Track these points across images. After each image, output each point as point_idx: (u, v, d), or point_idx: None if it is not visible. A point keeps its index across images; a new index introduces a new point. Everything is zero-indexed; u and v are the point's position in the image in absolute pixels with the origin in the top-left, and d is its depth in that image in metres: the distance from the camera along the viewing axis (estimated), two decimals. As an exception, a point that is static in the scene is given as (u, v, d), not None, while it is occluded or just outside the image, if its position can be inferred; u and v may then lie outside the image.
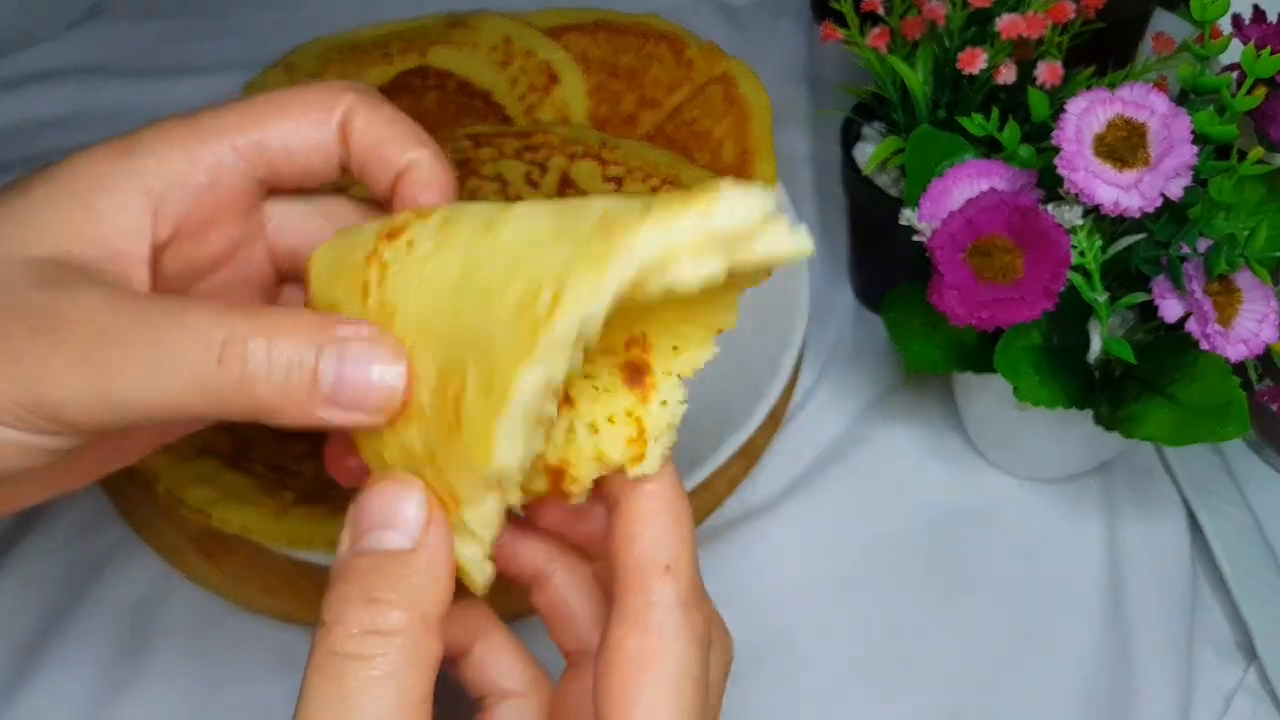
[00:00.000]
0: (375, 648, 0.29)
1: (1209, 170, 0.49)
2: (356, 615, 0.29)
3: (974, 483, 0.65)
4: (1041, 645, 0.58)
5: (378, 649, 0.29)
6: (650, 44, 0.80)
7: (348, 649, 0.29)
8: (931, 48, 0.61)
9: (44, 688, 0.56)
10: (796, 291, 0.67)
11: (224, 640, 0.59)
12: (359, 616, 0.29)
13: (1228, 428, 0.49)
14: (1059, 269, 0.49)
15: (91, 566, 0.61)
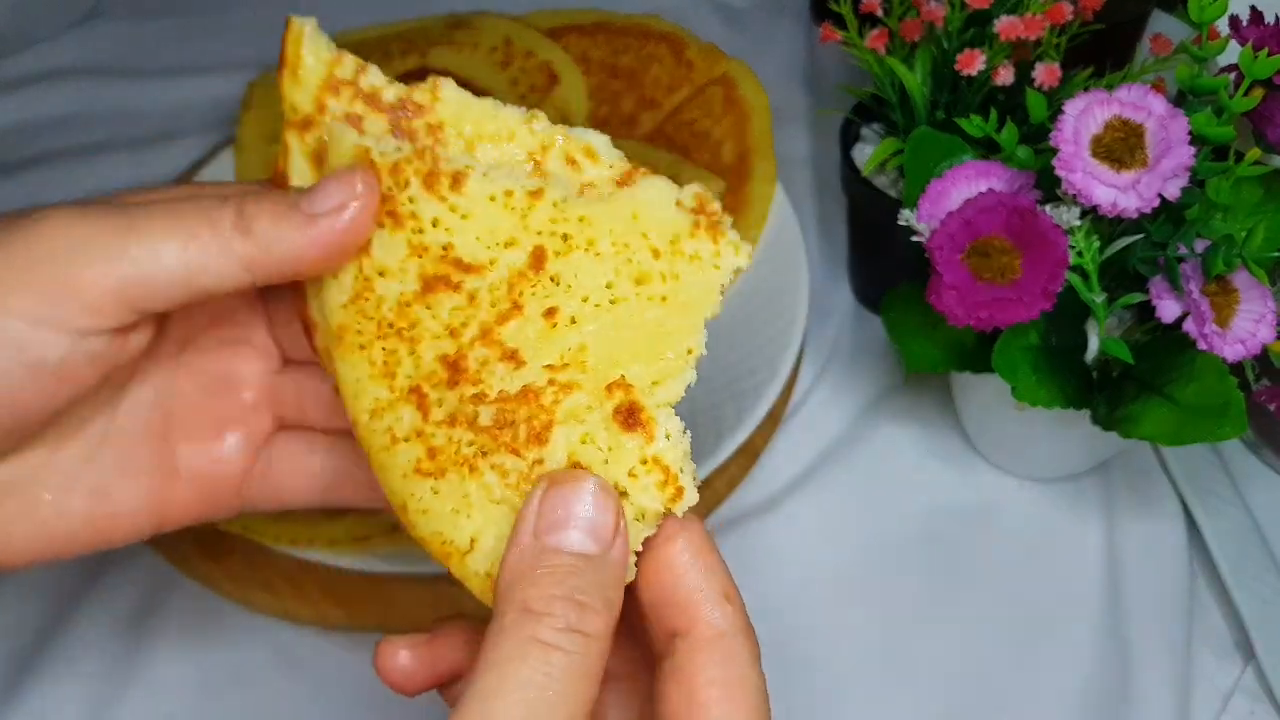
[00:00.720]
0: (576, 645, 0.30)
1: (1206, 171, 0.49)
2: (565, 612, 0.31)
3: (972, 482, 0.65)
4: (1040, 644, 0.58)
5: (578, 647, 0.30)
6: (650, 45, 0.80)
7: (555, 640, 0.30)
8: (930, 49, 0.61)
9: (47, 686, 0.57)
10: (796, 291, 0.67)
11: (225, 638, 0.59)
12: (568, 614, 0.31)
13: (1225, 427, 0.49)
14: (1057, 269, 0.49)
15: (94, 565, 0.61)
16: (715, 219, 0.36)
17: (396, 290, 0.35)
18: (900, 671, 0.57)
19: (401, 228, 0.35)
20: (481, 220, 0.35)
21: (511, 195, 0.35)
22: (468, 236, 0.35)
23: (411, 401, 0.35)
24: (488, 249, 0.35)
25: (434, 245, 0.35)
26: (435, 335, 0.35)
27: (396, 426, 0.35)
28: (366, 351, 0.36)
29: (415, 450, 0.35)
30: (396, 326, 0.35)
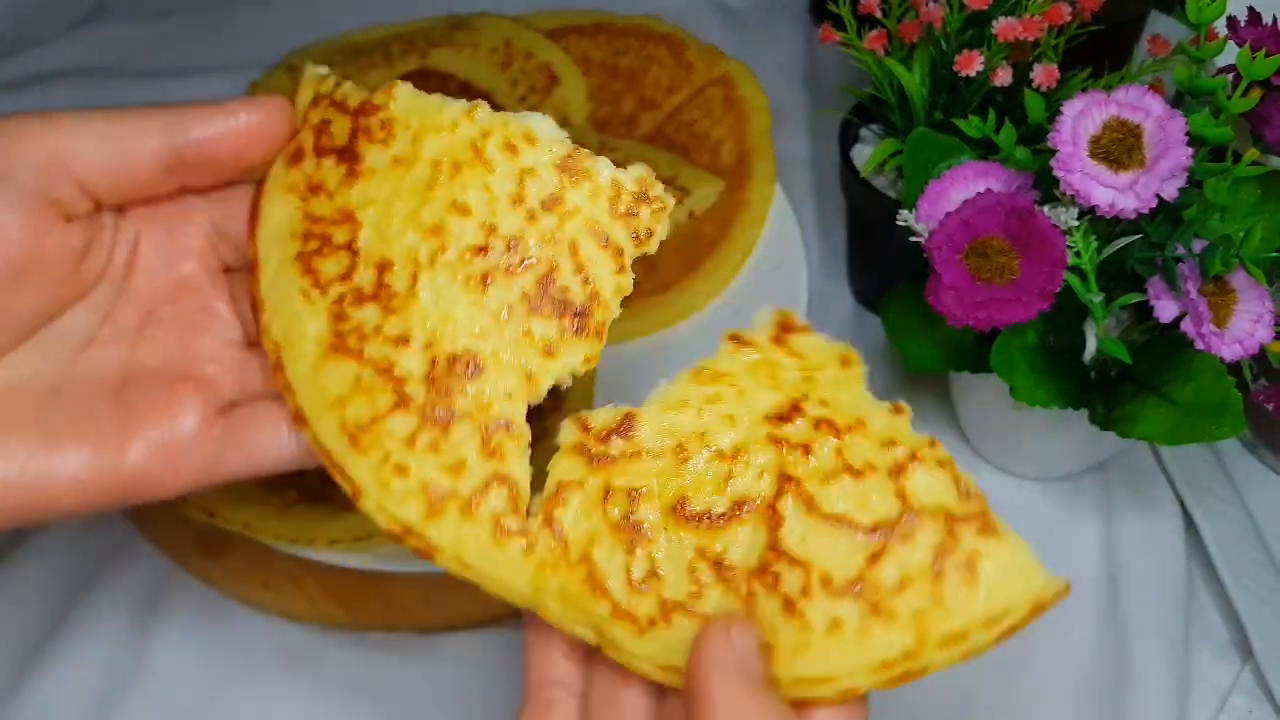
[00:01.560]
0: None
1: (1204, 172, 0.49)
2: None
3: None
4: (1038, 643, 0.58)
5: None
6: (650, 46, 0.80)
7: None
8: (929, 50, 0.61)
9: (49, 684, 0.57)
10: (795, 291, 0.67)
11: (226, 637, 0.59)
12: None
13: (1223, 427, 0.49)
14: (1055, 270, 0.50)
15: (95, 564, 0.61)
16: (660, 205, 0.39)
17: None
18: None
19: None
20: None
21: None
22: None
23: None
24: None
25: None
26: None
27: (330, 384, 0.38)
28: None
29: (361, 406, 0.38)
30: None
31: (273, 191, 0.41)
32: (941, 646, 0.36)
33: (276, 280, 0.40)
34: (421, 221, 0.39)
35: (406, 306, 0.38)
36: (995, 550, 0.37)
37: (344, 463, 0.38)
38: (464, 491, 0.37)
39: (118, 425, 0.39)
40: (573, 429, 0.38)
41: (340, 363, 0.38)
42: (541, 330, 0.38)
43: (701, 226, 0.71)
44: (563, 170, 0.39)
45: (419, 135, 0.39)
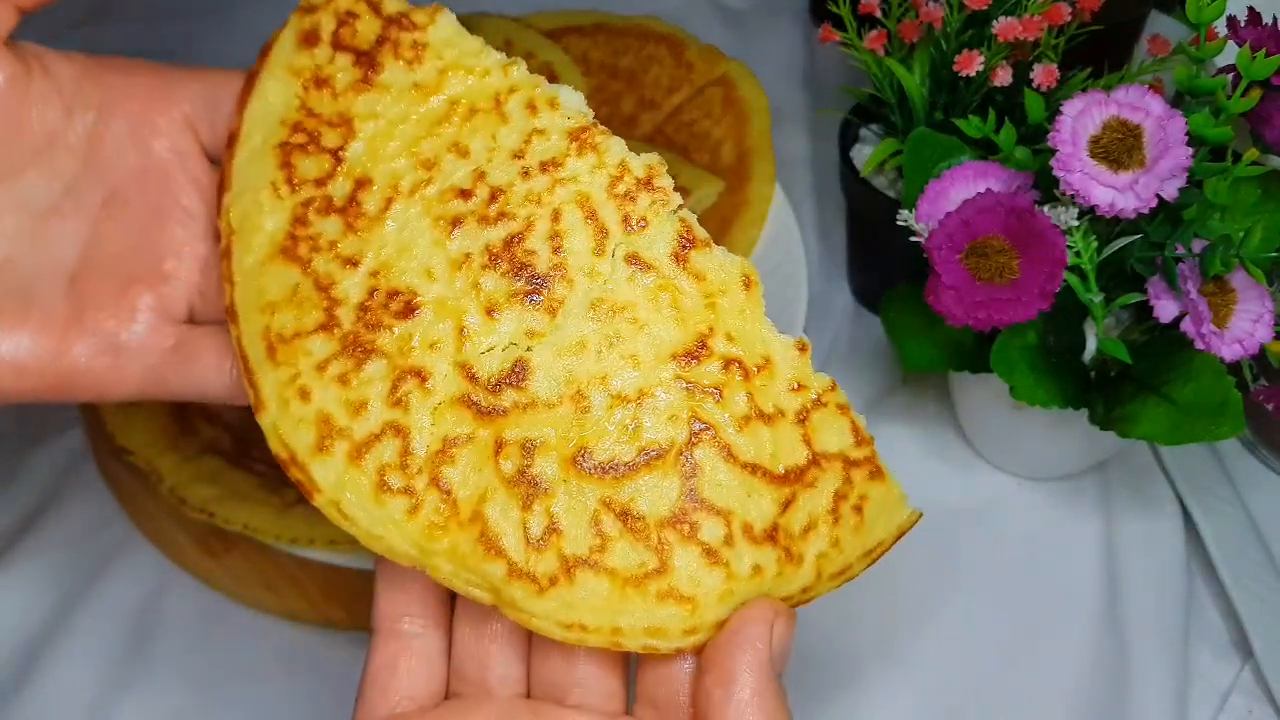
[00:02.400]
0: None
1: (1204, 172, 0.49)
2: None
3: (971, 482, 0.65)
4: (1038, 643, 0.58)
5: None
6: (650, 46, 0.80)
7: None
8: (928, 50, 0.61)
9: (49, 684, 0.57)
10: (795, 291, 0.67)
11: (226, 637, 0.59)
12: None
13: (1223, 427, 0.49)
14: (1055, 269, 0.50)
15: (95, 564, 0.61)
16: (663, 198, 0.38)
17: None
18: (899, 671, 0.57)
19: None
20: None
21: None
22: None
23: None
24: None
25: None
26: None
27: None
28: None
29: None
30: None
31: (275, 68, 0.39)
32: (831, 579, 0.38)
33: (251, 162, 0.38)
34: (418, 151, 0.38)
35: (370, 229, 0.37)
36: (877, 491, 0.39)
37: (256, 371, 0.36)
38: (357, 434, 0.35)
39: (65, 316, 0.37)
40: (456, 377, 0.36)
41: (285, 267, 0.37)
42: (491, 286, 0.37)
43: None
44: (573, 138, 0.38)
45: (447, 69, 0.38)
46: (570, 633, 0.36)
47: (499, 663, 0.39)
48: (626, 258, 0.37)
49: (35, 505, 0.64)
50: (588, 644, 0.36)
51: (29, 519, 0.63)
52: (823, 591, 0.38)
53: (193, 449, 0.59)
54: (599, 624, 0.35)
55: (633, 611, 0.35)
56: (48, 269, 0.38)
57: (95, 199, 0.39)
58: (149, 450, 0.59)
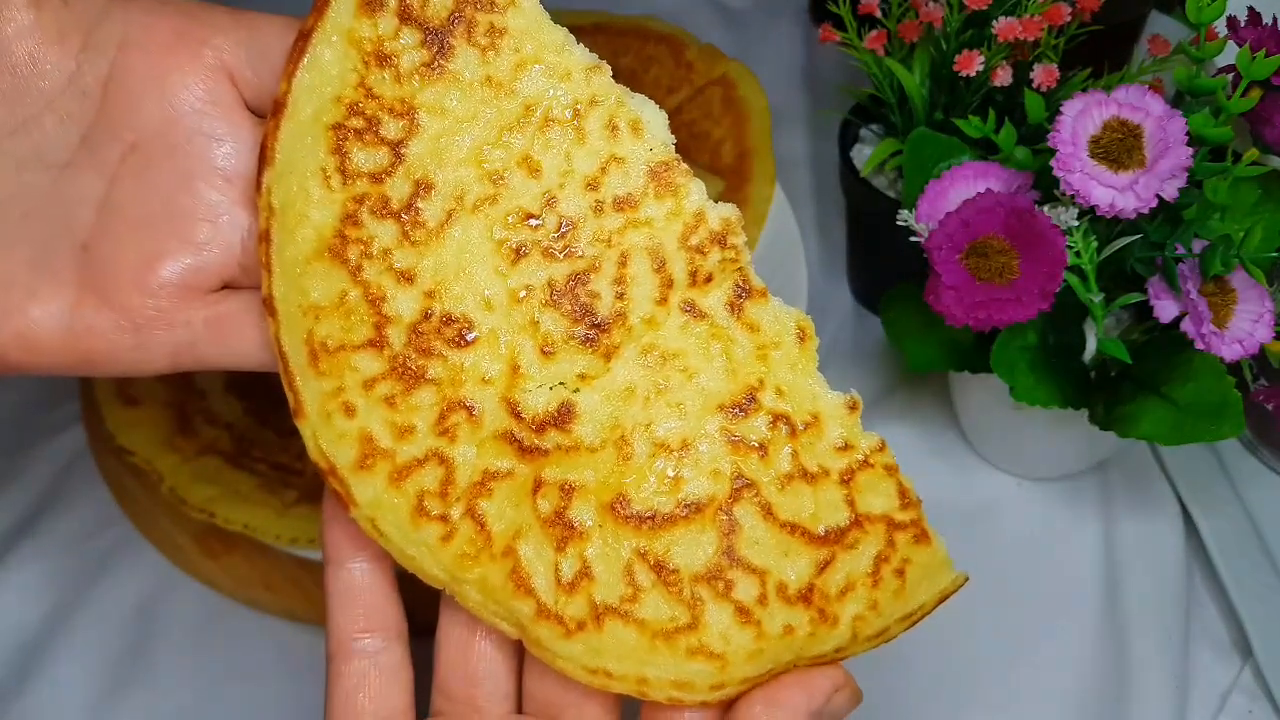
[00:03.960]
0: None
1: (1204, 172, 0.49)
2: None
3: (971, 481, 0.65)
4: (1038, 642, 0.58)
5: None
6: (650, 46, 0.81)
7: None
8: (928, 50, 0.61)
9: (49, 683, 0.57)
10: (795, 291, 0.67)
11: (226, 637, 0.59)
12: None
13: (1223, 427, 0.49)
14: (1055, 270, 0.50)
15: (96, 564, 0.61)
16: (733, 256, 0.37)
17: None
18: (898, 668, 0.57)
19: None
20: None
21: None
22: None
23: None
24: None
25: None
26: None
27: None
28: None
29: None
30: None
31: (329, 33, 0.34)
32: (867, 641, 0.37)
33: (298, 138, 0.34)
34: (485, 160, 0.35)
35: (428, 244, 0.34)
36: (921, 555, 0.37)
37: (297, 375, 0.35)
38: (400, 458, 0.35)
39: (79, 282, 0.34)
40: (502, 413, 0.35)
41: (332, 269, 0.34)
42: (549, 325, 0.35)
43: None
44: (653, 176, 0.36)
45: (524, 63, 0.35)
46: (595, 677, 0.35)
47: (488, 678, 0.38)
48: (682, 304, 0.36)
49: (35, 505, 0.64)
50: (612, 689, 0.35)
51: (29, 519, 0.64)
52: (858, 652, 0.37)
53: (193, 449, 0.59)
54: (625, 672, 0.35)
55: (660, 663, 0.35)
56: (64, 232, 0.34)
57: (114, 152, 0.34)
58: (149, 450, 0.59)
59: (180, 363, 0.36)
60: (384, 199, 0.34)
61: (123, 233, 0.34)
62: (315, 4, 0.34)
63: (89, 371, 0.35)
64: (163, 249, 0.35)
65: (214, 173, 0.35)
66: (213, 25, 0.35)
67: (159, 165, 0.35)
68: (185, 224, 0.35)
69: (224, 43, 0.35)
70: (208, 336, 0.35)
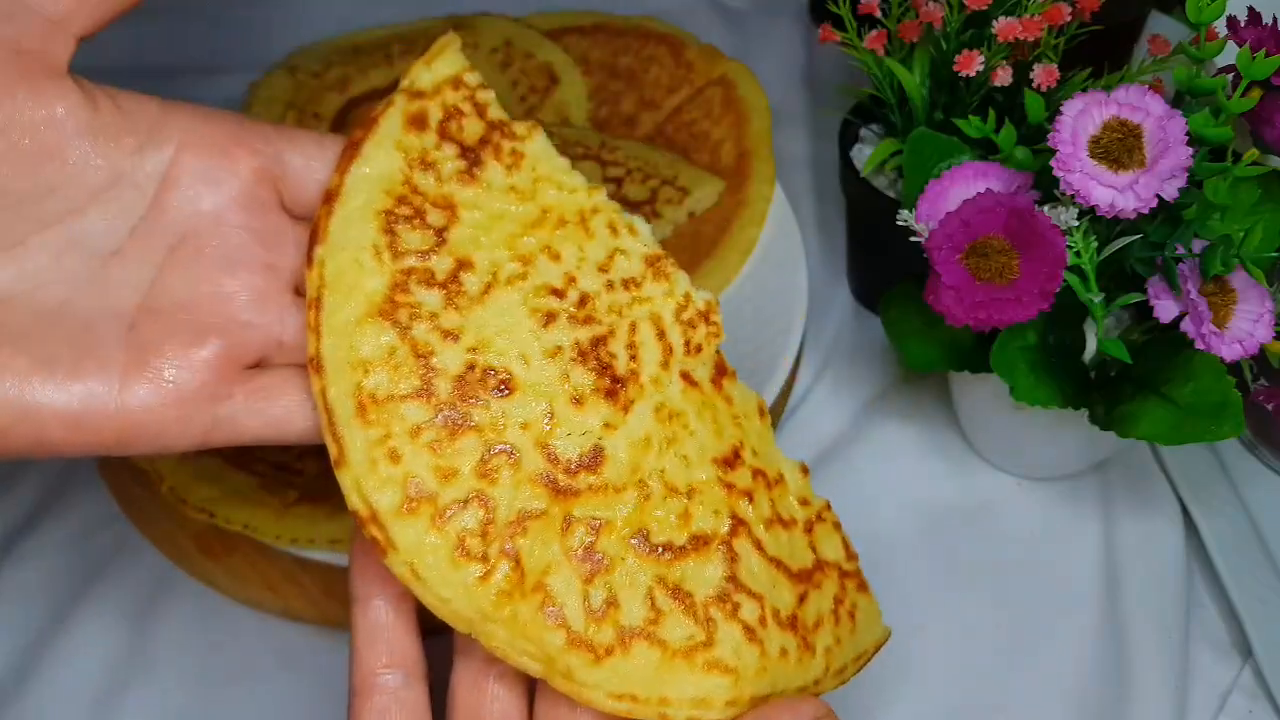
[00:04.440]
0: None
1: (1204, 172, 0.49)
2: None
3: (971, 481, 0.65)
4: (1038, 643, 0.58)
5: None
6: (650, 46, 0.81)
7: None
8: (928, 50, 0.61)
9: (49, 683, 0.57)
10: (795, 291, 0.67)
11: (226, 637, 0.59)
12: None
13: (1223, 427, 0.49)
14: (1055, 270, 0.50)
15: (95, 564, 0.61)
16: (714, 331, 0.43)
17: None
18: (899, 670, 0.57)
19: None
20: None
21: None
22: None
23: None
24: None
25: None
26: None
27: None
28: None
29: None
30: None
31: (383, 140, 0.40)
32: (834, 677, 0.43)
33: (350, 221, 0.39)
34: (516, 246, 0.40)
35: (470, 308, 0.39)
36: (864, 602, 0.45)
37: (342, 427, 0.37)
38: (443, 500, 0.37)
39: (125, 360, 0.36)
40: (538, 457, 0.38)
41: (381, 328, 0.38)
42: (579, 379, 0.39)
43: (701, 226, 0.71)
44: (649, 264, 0.42)
45: (540, 180, 0.41)
46: (620, 703, 0.38)
47: (504, 699, 0.39)
48: (681, 374, 0.42)
49: (35, 505, 0.64)
50: (635, 715, 0.38)
51: (29, 519, 0.64)
52: (828, 687, 0.43)
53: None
54: (648, 694, 0.38)
55: (681, 683, 0.38)
56: (108, 314, 0.36)
57: (163, 243, 0.37)
58: (149, 450, 0.59)
59: (217, 436, 0.38)
60: (430, 271, 0.39)
61: (168, 314, 0.37)
62: (365, 120, 0.40)
63: (127, 450, 0.36)
64: (207, 327, 0.37)
65: (256, 261, 0.38)
66: (261, 134, 0.39)
67: (206, 255, 0.38)
68: (229, 305, 0.38)
69: (270, 150, 0.39)
70: (247, 408, 0.38)
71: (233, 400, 0.38)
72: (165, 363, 0.36)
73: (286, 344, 0.39)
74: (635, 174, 0.71)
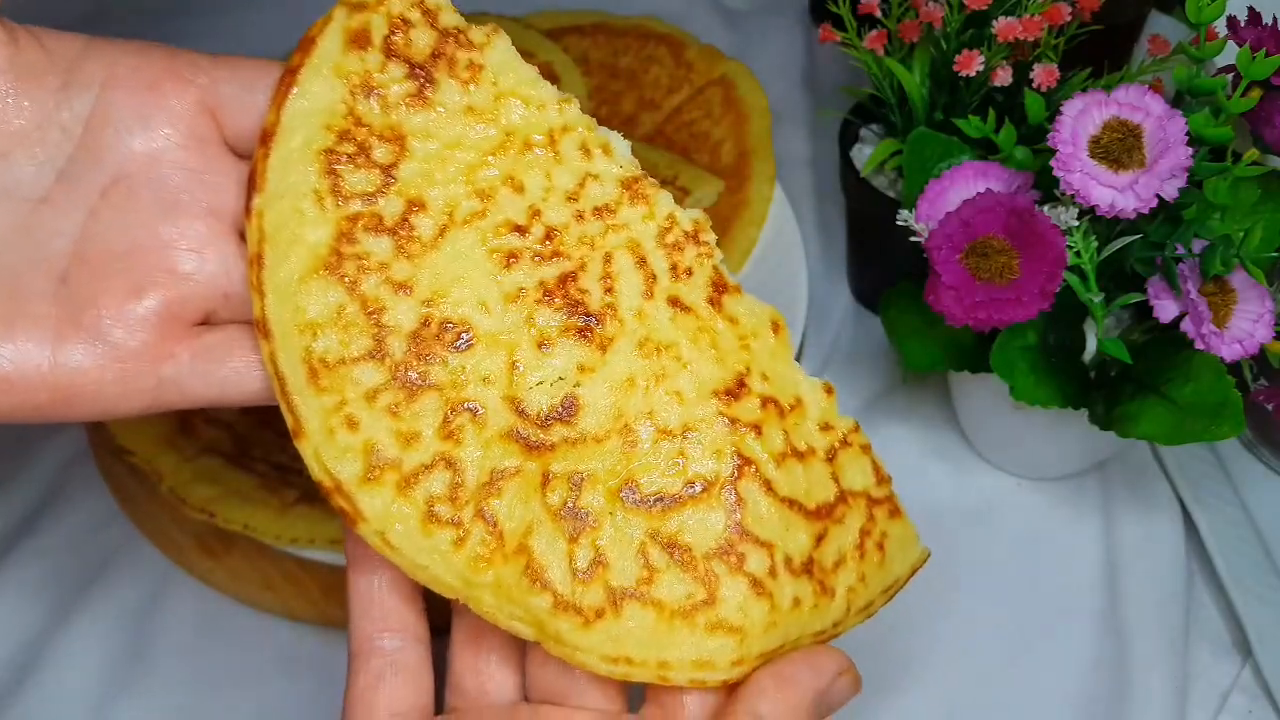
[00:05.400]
0: None
1: (1204, 172, 0.49)
2: None
3: (971, 481, 0.65)
4: (1038, 642, 0.58)
5: None
6: (650, 46, 0.81)
7: None
8: (928, 50, 0.61)
9: (49, 683, 0.57)
10: (795, 291, 0.67)
11: (226, 636, 0.59)
12: None
13: (1223, 427, 0.49)
14: (1055, 270, 0.50)
15: (96, 564, 0.61)
16: (707, 250, 0.39)
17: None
18: (899, 671, 0.57)
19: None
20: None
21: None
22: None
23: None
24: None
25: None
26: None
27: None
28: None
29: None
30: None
31: (320, 66, 0.36)
32: (857, 614, 0.40)
33: (289, 165, 0.35)
34: (474, 179, 0.37)
35: (423, 255, 0.36)
36: (896, 529, 0.41)
37: (295, 395, 0.35)
38: (407, 465, 0.35)
39: (58, 319, 0.33)
40: (505, 411, 0.36)
41: (328, 285, 0.35)
42: (544, 321, 0.37)
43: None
44: (625, 187, 0.39)
45: (502, 96, 0.37)
46: (616, 666, 0.36)
47: (497, 670, 0.39)
48: (668, 300, 0.38)
49: (35, 505, 0.64)
50: (633, 679, 0.36)
51: (29, 519, 0.64)
52: (850, 626, 0.39)
53: (193, 449, 0.59)
54: (645, 658, 0.36)
55: (680, 644, 0.36)
56: (38, 266, 0.34)
57: (94, 187, 0.35)
58: (149, 450, 0.59)
59: (163, 399, 0.35)
60: (378, 216, 0.36)
61: (102, 265, 0.34)
62: (302, 42, 0.36)
63: (65, 414, 0.34)
64: (145, 280, 0.35)
65: (197, 205, 0.36)
66: (194, 65, 0.36)
67: (141, 199, 0.35)
68: (168, 255, 0.35)
69: (206, 81, 0.36)
70: (193, 370, 0.35)
71: (177, 361, 0.35)
72: (100, 318, 0.34)
73: (233, 297, 0.36)
74: (635, 174, 0.71)
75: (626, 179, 0.39)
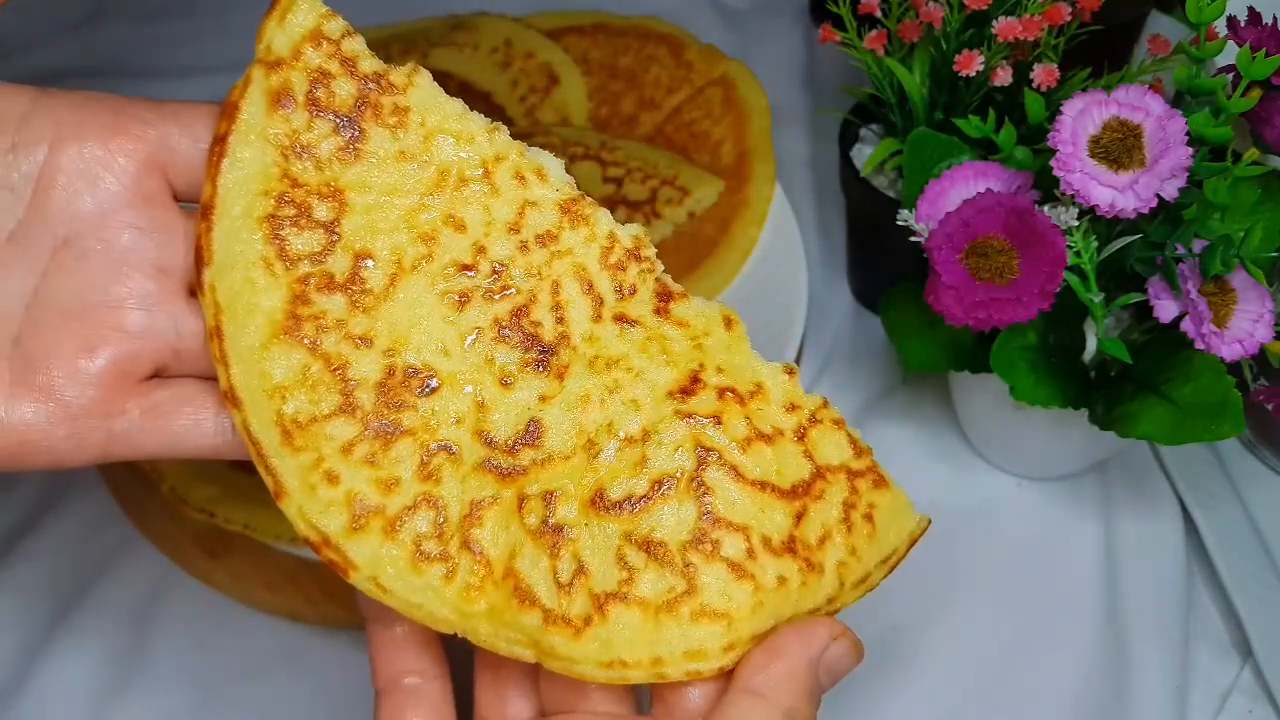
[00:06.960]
0: None
1: (1204, 172, 0.49)
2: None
3: (971, 481, 0.65)
4: (1038, 642, 0.58)
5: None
6: (650, 46, 0.81)
7: None
8: (928, 50, 0.61)
9: (50, 682, 0.57)
10: (795, 291, 0.67)
11: (227, 636, 0.59)
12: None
13: (1223, 427, 0.49)
14: (1055, 270, 0.50)
15: (96, 564, 0.61)
16: (649, 266, 0.40)
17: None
18: (900, 671, 0.57)
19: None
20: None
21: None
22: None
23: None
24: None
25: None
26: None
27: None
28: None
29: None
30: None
31: (246, 134, 0.36)
32: (854, 588, 0.40)
33: (233, 234, 0.36)
34: (416, 224, 0.37)
35: (378, 306, 0.37)
36: (884, 499, 0.41)
37: (272, 458, 0.36)
38: (391, 509, 0.36)
39: (10, 376, 0.34)
40: (476, 445, 0.37)
41: (290, 348, 0.36)
42: (503, 359, 0.38)
43: (701, 226, 0.71)
44: (564, 211, 0.39)
45: (431, 135, 0.38)
46: (612, 671, 0.36)
47: (516, 694, 0.40)
48: (614, 318, 0.39)
49: (35, 505, 0.64)
50: (630, 681, 0.37)
51: (29, 519, 0.64)
52: (849, 601, 0.40)
53: (193, 449, 0.59)
54: (638, 658, 0.36)
55: (669, 639, 0.36)
56: None
57: (44, 248, 0.35)
58: (149, 450, 0.59)
59: (114, 452, 0.36)
60: (328, 275, 0.37)
61: (55, 325, 0.35)
62: (224, 110, 0.37)
63: (18, 466, 0.35)
64: (96, 339, 0.35)
65: (146, 263, 0.36)
66: (141, 120, 0.36)
67: (91, 260, 0.35)
68: (118, 314, 0.36)
69: (154, 135, 0.36)
70: (143, 425, 0.36)
71: (127, 416, 0.36)
72: (53, 378, 0.34)
73: (183, 352, 0.37)
74: (635, 174, 0.71)
75: (564, 202, 0.39)
